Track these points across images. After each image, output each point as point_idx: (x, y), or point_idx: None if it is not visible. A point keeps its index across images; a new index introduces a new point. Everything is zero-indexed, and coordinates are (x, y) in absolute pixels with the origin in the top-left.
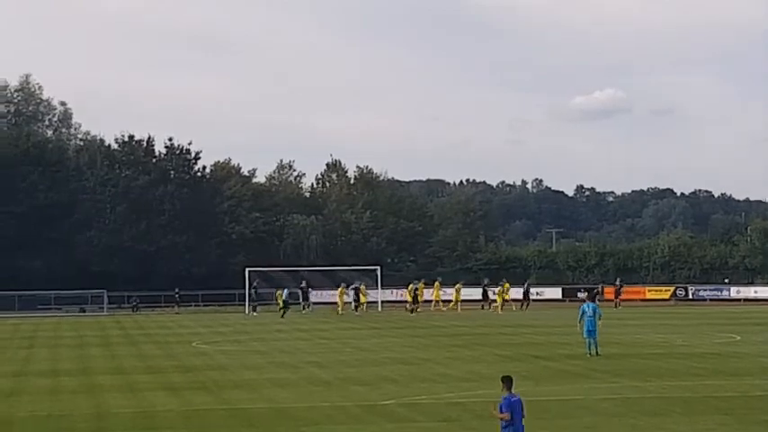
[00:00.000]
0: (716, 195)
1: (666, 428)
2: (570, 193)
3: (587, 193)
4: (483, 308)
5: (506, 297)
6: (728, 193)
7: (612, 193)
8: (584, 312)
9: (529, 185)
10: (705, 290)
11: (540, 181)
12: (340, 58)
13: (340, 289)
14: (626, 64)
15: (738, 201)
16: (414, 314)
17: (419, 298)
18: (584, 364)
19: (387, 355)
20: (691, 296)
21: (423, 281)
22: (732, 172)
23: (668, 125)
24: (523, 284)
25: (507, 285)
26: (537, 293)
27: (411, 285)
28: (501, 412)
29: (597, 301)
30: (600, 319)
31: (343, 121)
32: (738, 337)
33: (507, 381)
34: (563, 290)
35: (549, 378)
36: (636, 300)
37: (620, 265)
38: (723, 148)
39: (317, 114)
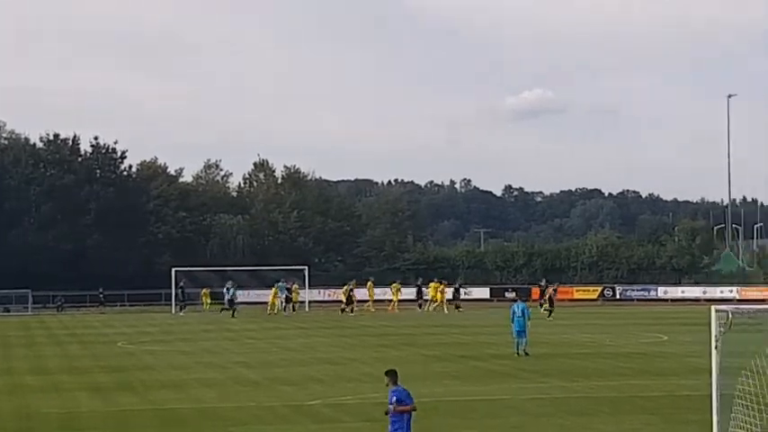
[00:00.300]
0: (643, 196)
1: (593, 428)
2: (498, 193)
3: (516, 193)
4: (421, 307)
5: (440, 297)
6: (656, 194)
7: (541, 193)
8: (513, 313)
9: (457, 185)
10: (633, 290)
11: (469, 181)
12: (268, 57)
13: (274, 289)
14: (556, 65)
15: (666, 201)
16: (352, 314)
17: (353, 298)
18: (512, 364)
19: (314, 356)
20: (618, 296)
21: (354, 281)
22: (660, 173)
23: (598, 126)
24: (454, 284)
25: (443, 286)
26: (465, 293)
27: (346, 286)
28: (399, 405)
29: (548, 301)
30: (529, 319)
31: (271, 121)
32: (665, 337)
33: (392, 374)
34: (491, 290)
35: (477, 378)
36: (564, 300)
37: (547, 265)
38: (651, 148)
39: (245, 113)
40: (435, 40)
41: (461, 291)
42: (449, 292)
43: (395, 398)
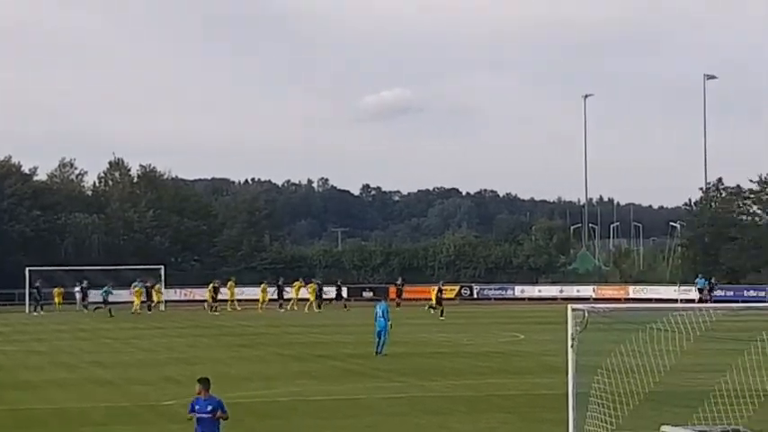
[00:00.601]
0: (501, 195)
1: (449, 427)
2: (356, 192)
3: (373, 192)
4: (281, 307)
5: (298, 296)
6: (513, 193)
7: (399, 192)
8: (376, 313)
9: (315, 185)
10: (490, 289)
11: (326, 180)
12: (124, 56)
13: (137, 289)
14: (415, 64)
15: (523, 200)
16: (218, 312)
17: (217, 297)
18: (369, 364)
19: (170, 356)
20: (476, 295)
21: (216, 280)
22: (517, 172)
23: (455, 125)
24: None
25: (313, 286)
26: (324, 293)
27: (211, 285)
28: (216, 413)
29: (437, 300)
30: (389, 320)
31: (127, 119)
32: (522, 336)
33: (205, 382)
34: (348, 289)
35: (334, 377)
36: (421, 299)
37: (405, 264)
38: (508, 148)
39: (100, 112)
40: (293, 38)
41: (324, 290)
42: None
43: (210, 407)
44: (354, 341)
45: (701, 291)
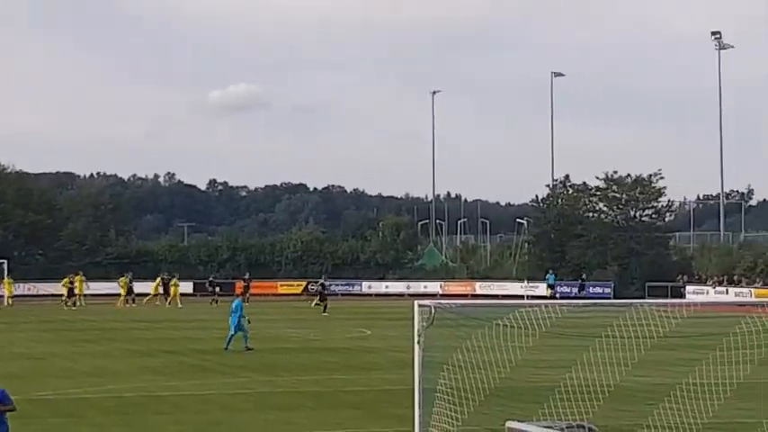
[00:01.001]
0: (349, 191)
1: (296, 423)
2: (203, 187)
3: (220, 187)
4: (133, 302)
5: (158, 291)
6: (361, 189)
7: (246, 187)
8: (231, 309)
9: (161, 179)
10: (337, 285)
11: (173, 175)
12: None
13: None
14: (263, 60)
15: (371, 196)
16: (75, 307)
17: (75, 291)
18: (216, 359)
19: (12, 351)
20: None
21: (72, 274)
22: (365, 168)
23: (304, 121)
24: (161, 277)
25: (175, 280)
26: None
27: (66, 279)
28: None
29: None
30: (243, 317)
31: None
32: (369, 332)
33: None
34: (194, 284)
35: (181, 373)
36: (268, 294)
37: (252, 259)
38: (356, 144)
39: None
40: (140, 31)
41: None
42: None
43: None
44: (202, 337)
45: (551, 287)
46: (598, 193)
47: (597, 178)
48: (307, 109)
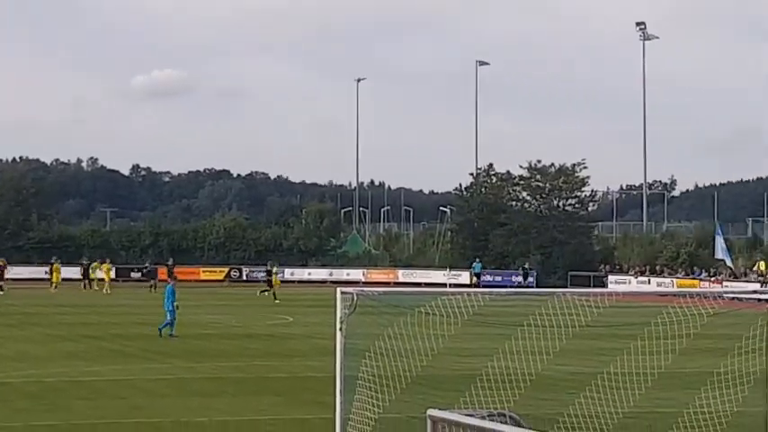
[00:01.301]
0: (272, 177)
1: (218, 409)
2: (126, 172)
3: (143, 172)
4: (85, 288)
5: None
6: (285, 176)
7: (169, 173)
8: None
9: (84, 164)
10: (260, 271)
11: (96, 159)
12: None
13: None
14: (187, 45)
15: (294, 183)
16: (2, 292)
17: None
18: (138, 345)
19: None
20: (245, 277)
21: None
22: (289, 155)
23: (228, 107)
24: (82, 264)
25: (107, 266)
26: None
27: None
28: None
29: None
30: (173, 302)
31: None
32: (291, 319)
33: None
34: (117, 270)
35: (103, 358)
36: (190, 281)
37: (174, 245)
38: (280, 131)
39: None
40: (65, 15)
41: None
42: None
43: None
44: (123, 322)
45: (477, 275)
46: (521, 182)
47: (521, 167)
48: (231, 95)
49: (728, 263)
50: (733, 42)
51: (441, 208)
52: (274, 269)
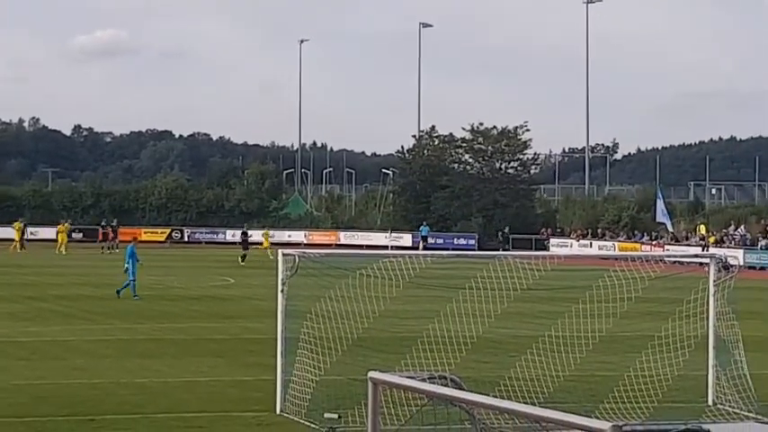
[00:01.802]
0: (214, 138)
1: (158, 370)
2: (68, 132)
3: (85, 133)
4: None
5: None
6: (227, 137)
7: (111, 133)
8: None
9: (26, 124)
10: (201, 233)
11: (38, 120)
12: None
13: None
14: (129, 5)
15: (236, 144)
16: None
17: None
18: (78, 306)
19: None
20: (187, 239)
21: None
22: (231, 116)
23: (170, 68)
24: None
25: (62, 226)
26: (32, 233)
27: None
28: None
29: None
30: (129, 263)
31: None
32: (233, 280)
33: None
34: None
35: (42, 319)
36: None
37: (116, 206)
38: (222, 91)
39: None
40: None
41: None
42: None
43: None
44: (62, 282)
45: (424, 239)
46: (464, 144)
47: (464, 129)
48: (174, 56)
49: (669, 226)
50: (678, 6)
51: (383, 170)
52: (268, 232)
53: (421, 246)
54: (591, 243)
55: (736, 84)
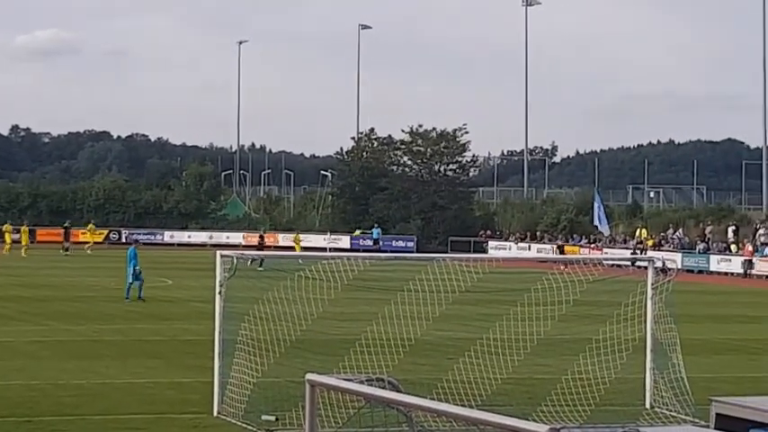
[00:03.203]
0: (153, 139)
1: (97, 372)
2: (5, 132)
3: (23, 133)
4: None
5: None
6: (165, 138)
7: (49, 134)
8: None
9: None
10: (139, 234)
11: None
12: None
13: None
14: (71, 5)
15: (175, 145)
16: None
17: None
18: (15, 307)
19: None
20: (124, 240)
21: None
22: (169, 117)
23: (109, 68)
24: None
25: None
26: None
27: None
28: None
29: None
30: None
31: None
32: (171, 282)
33: None
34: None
35: None
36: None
37: (53, 207)
38: (161, 92)
39: None
40: None
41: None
42: None
43: None
44: (3, 284)
45: (375, 241)
46: (403, 146)
47: (402, 131)
48: (113, 55)
49: (605, 230)
50: (618, 8)
51: (322, 172)
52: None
53: (376, 248)
54: (530, 246)
55: (675, 87)
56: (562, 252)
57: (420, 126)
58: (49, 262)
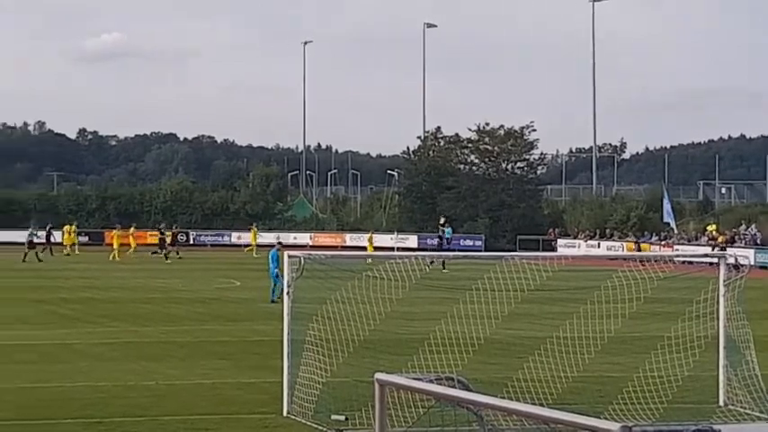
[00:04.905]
0: (219, 141)
1: (164, 373)
2: (73, 136)
3: (90, 136)
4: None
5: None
6: (231, 139)
7: (116, 136)
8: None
9: (31, 127)
10: (206, 235)
11: (43, 123)
12: None
13: None
14: (135, 8)
15: (241, 146)
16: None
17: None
18: (83, 309)
19: None
20: (192, 241)
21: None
22: (235, 118)
23: (175, 70)
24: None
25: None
26: (37, 237)
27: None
28: None
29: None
30: (277, 267)
31: None
32: (238, 283)
33: None
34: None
35: (48, 322)
36: (139, 244)
37: (121, 209)
38: (227, 94)
39: None
40: None
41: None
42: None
43: None
44: (69, 286)
45: (448, 241)
46: (470, 145)
47: (469, 130)
48: (178, 58)
49: (673, 227)
50: (687, 2)
51: (388, 171)
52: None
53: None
54: (599, 243)
55: (745, 81)
56: (639, 249)
57: (487, 124)
58: (145, 264)
